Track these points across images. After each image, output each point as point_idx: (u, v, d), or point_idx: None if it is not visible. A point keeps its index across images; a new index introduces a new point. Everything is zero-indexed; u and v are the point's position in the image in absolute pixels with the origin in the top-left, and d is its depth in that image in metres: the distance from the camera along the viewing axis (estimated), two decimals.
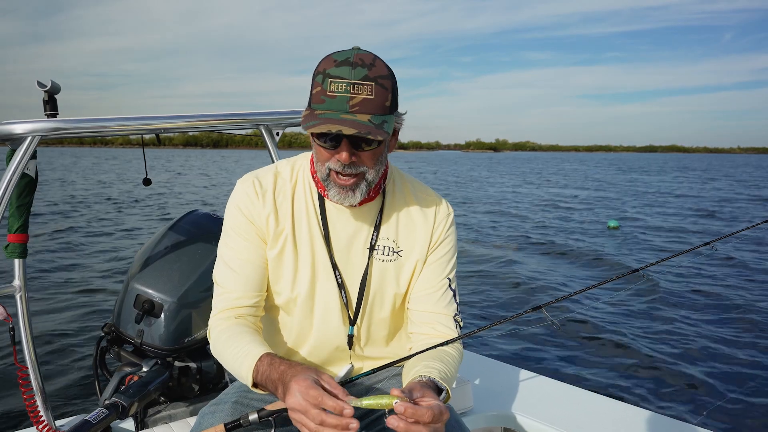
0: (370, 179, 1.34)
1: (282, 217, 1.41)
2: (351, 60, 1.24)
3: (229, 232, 1.43)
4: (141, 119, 2.02)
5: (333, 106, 1.23)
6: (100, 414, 1.73)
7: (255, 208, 1.40)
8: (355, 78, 1.23)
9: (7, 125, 1.80)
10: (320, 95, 1.25)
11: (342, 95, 1.23)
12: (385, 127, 1.25)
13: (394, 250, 1.46)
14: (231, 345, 1.32)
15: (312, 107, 1.27)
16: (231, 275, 1.40)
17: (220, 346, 1.35)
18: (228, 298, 1.40)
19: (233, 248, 1.41)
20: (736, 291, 7.81)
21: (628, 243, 11.79)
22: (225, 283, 1.41)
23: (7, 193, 1.78)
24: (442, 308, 1.46)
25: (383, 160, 1.37)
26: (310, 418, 1.06)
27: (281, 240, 1.41)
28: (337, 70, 1.23)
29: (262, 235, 1.41)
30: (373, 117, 1.24)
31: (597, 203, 20.60)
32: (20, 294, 1.90)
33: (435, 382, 1.24)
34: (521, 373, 2.51)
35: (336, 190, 1.33)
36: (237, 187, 1.44)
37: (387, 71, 1.28)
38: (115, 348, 2.11)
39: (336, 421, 1.05)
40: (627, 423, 2.09)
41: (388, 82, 1.27)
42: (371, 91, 1.24)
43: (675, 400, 4.48)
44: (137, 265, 2.11)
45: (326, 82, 1.24)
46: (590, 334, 5.94)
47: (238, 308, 1.39)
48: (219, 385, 2.18)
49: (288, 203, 1.42)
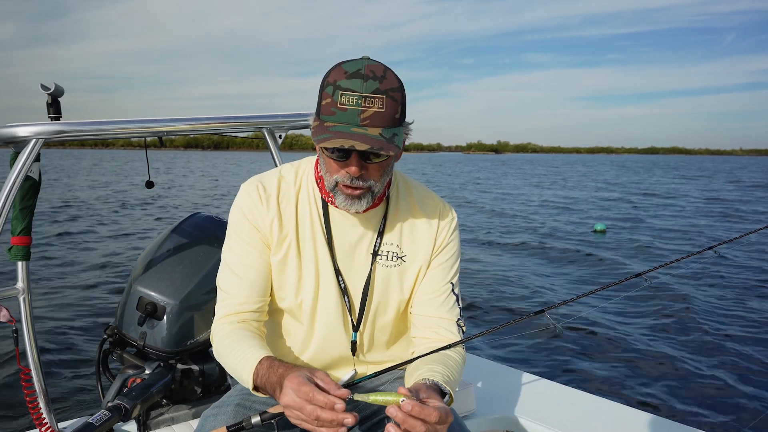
0: (376, 191, 1.34)
1: (286, 222, 1.41)
2: (362, 72, 1.23)
3: (233, 237, 1.42)
4: (145, 122, 2.02)
5: (344, 119, 1.22)
6: (103, 416, 1.73)
7: (259, 213, 1.40)
8: (367, 91, 1.22)
9: (10, 128, 1.81)
10: (330, 107, 1.24)
11: (353, 108, 1.22)
12: (396, 140, 1.24)
13: (397, 256, 1.46)
14: (233, 349, 1.32)
15: (321, 119, 1.27)
16: (235, 280, 1.40)
17: (222, 350, 1.36)
18: (231, 303, 1.40)
19: (237, 253, 1.41)
20: (740, 294, 7.80)
21: (632, 247, 11.77)
22: (228, 288, 1.41)
23: (11, 196, 1.78)
24: (445, 313, 1.46)
25: (390, 172, 1.37)
26: (306, 414, 1.08)
27: (285, 245, 1.41)
28: (348, 82, 1.22)
29: (266, 240, 1.41)
30: (384, 130, 1.23)
31: (603, 205, 20.57)
32: (23, 296, 1.90)
33: (438, 386, 1.24)
34: (524, 377, 2.50)
35: (343, 197, 1.33)
36: (241, 191, 1.44)
37: (397, 83, 1.27)
38: (117, 350, 2.11)
39: (331, 416, 1.06)
40: (630, 426, 2.08)
41: (398, 94, 1.26)
42: (382, 104, 1.23)
43: (678, 404, 4.46)
44: (140, 267, 2.11)
45: (337, 94, 1.23)
46: (593, 338, 5.93)
47: (241, 313, 1.39)
48: (221, 388, 2.18)
49: (292, 208, 1.42)
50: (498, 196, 24.93)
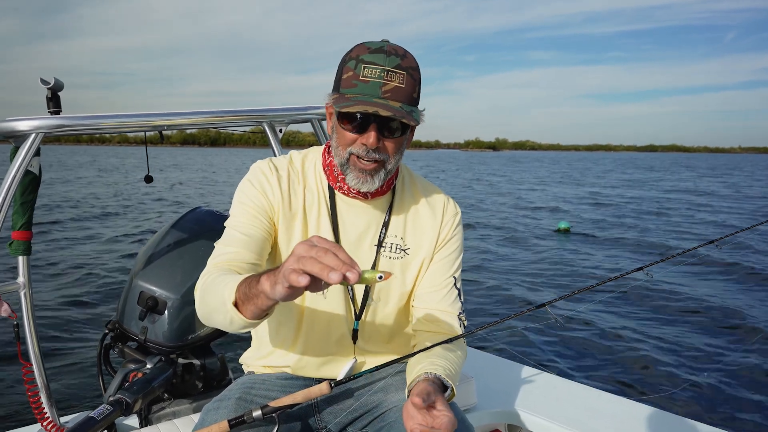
0: (389, 168, 1.35)
1: (294, 203, 1.42)
2: (385, 48, 1.27)
3: (238, 205, 1.41)
4: (145, 116, 2.02)
5: (365, 90, 1.25)
6: (105, 410, 1.73)
7: (270, 185, 1.40)
8: (389, 65, 1.25)
9: (10, 122, 1.80)
10: (352, 79, 1.26)
11: (375, 81, 1.25)
12: (414, 115, 1.27)
13: (401, 248, 1.46)
14: (219, 279, 1.19)
15: (341, 91, 1.28)
16: (233, 234, 1.35)
17: (207, 284, 1.22)
18: (226, 252, 1.32)
19: (239, 215, 1.38)
20: (741, 290, 7.80)
21: (637, 240, 11.77)
22: (224, 241, 1.35)
23: (11, 191, 1.78)
24: (447, 306, 1.46)
25: (402, 151, 1.38)
26: (315, 252, 0.90)
27: (291, 227, 1.41)
28: (371, 56, 1.26)
29: (271, 213, 1.39)
30: (403, 105, 1.26)
31: (603, 202, 20.57)
32: (24, 291, 1.90)
33: (440, 379, 1.24)
34: (525, 370, 2.51)
35: (355, 174, 1.33)
36: (253, 167, 1.44)
37: (416, 64, 1.30)
38: (119, 345, 2.12)
39: (347, 260, 0.90)
40: (631, 419, 2.08)
41: (417, 74, 1.30)
42: (402, 80, 1.26)
43: (679, 397, 4.47)
44: (141, 262, 2.11)
45: (359, 67, 1.26)
46: (594, 332, 5.93)
47: (234, 262, 1.29)
48: (222, 382, 2.19)
49: (300, 192, 1.43)
50: (505, 189, 24.92)
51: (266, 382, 1.50)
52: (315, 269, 0.88)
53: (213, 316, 1.19)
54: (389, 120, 1.28)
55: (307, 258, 0.89)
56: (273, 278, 0.97)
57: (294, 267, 0.90)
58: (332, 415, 1.47)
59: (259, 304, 1.03)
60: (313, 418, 1.47)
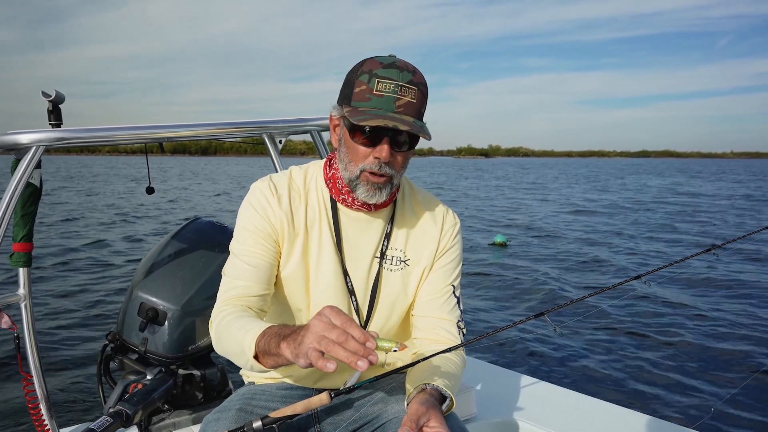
0: (395, 182, 1.37)
1: (297, 221, 1.43)
2: (397, 63, 1.29)
3: (241, 230, 1.43)
4: (146, 128, 2.03)
5: (380, 105, 1.27)
6: (105, 422, 1.73)
7: (271, 208, 1.41)
8: (403, 81, 1.27)
9: (12, 135, 1.81)
10: (365, 93, 1.28)
11: (389, 95, 1.27)
12: (425, 130, 1.29)
13: (401, 260, 1.48)
14: (237, 322, 1.26)
15: (354, 104, 1.30)
16: (240, 266, 1.39)
17: (223, 327, 1.29)
18: (235, 286, 1.38)
19: (245, 243, 1.41)
20: (738, 297, 7.79)
21: (631, 250, 11.77)
22: (233, 273, 1.40)
23: (12, 203, 1.79)
24: (446, 314, 1.47)
25: (407, 165, 1.40)
26: (335, 335, 0.98)
27: (294, 245, 1.43)
28: (385, 71, 1.28)
29: (275, 235, 1.41)
30: (415, 120, 1.28)
31: (602, 209, 20.58)
32: (25, 302, 1.90)
33: (439, 390, 1.25)
34: (525, 380, 2.50)
35: (365, 187, 1.35)
36: (252, 188, 1.46)
37: (425, 80, 1.33)
38: (119, 356, 2.12)
39: (361, 340, 0.99)
40: (632, 429, 2.08)
41: (426, 90, 1.33)
42: (414, 96, 1.28)
43: (679, 406, 4.46)
44: (141, 273, 2.12)
45: (373, 81, 1.27)
46: (593, 341, 5.92)
47: (244, 297, 1.37)
48: (223, 393, 2.18)
49: (302, 209, 1.44)
50: (499, 198, 24.93)
51: (266, 392, 1.50)
52: (341, 356, 0.96)
53: (231, 356, 1.29)
54: (399, 134, 1.30)
55: (329, 342, 0.98)
56: (294, 349, 1.05)
57: (315, 347, 0.99)
58: (332, 425, 1.47)
59: (279, 362, 1.12)
60: (313, 428, 1.47)
